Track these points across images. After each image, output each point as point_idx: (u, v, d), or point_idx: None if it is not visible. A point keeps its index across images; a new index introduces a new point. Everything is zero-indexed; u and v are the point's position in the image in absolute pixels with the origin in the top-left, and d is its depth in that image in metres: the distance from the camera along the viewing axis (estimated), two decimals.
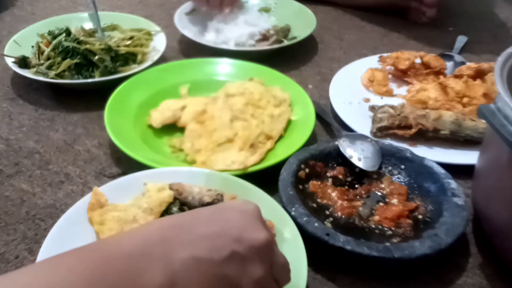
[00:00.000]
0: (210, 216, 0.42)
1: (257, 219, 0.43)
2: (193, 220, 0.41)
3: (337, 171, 0.73)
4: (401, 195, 0.69)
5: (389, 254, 0.57)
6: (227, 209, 0.43)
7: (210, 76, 0.94)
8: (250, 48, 1.06)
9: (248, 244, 0.40)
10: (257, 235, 0.41)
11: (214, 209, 0.44)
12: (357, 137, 0.77)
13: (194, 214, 0.43)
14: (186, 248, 0.38)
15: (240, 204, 0.44)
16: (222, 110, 0.81)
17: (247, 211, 0.43)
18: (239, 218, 0.42)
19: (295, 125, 0.82)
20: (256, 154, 0.74)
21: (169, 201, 0.63)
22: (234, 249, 0.39)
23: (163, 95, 0.88)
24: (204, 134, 0.78)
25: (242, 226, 0.41)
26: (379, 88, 0.95)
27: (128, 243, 0.38)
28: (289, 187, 0.65)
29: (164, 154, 0.78)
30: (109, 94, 0.84)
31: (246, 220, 0.42)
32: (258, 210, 0.44)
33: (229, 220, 0.42)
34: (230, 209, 0.43)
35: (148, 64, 0.95)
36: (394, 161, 0.74)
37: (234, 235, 0.40)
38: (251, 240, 0.40)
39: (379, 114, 0.83)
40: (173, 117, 0.82)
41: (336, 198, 0.69)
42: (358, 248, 0.57)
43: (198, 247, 0.38)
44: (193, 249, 0.38)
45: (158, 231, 0.39)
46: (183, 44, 1.10)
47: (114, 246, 0.38)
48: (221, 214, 0.42)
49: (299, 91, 0.89)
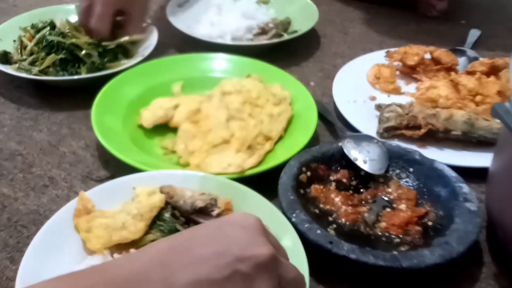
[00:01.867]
0: (210, 234, 0.42)
1: (259, 233, 0.43)
2: (192, 240, 0.42)
3: (341, 175, 0.73)
4: (410, 200, 0.69)
5: (397, 264, 0.57)
6: (227, 225, 0.43)
7: (205, 73, 0.94)
8: (248, 42, 1.06)
9: (251, 262, 0.40)
10: (260, 251, 0.41)
11: (214, 226, 0.44)
12: (362, 138, 0.77)
13: (192, 233, 0.43)
14: (186, 271, 0.39)
15: (240, 219, 0.44)
16: (217, 109, 0.81)
17: (249, 226, 0.43)
18: (241, 234, 0.42)
19: (296, 125, 0.82)
20: (254, 156, 0.74)
21: (161, 206, 0.62)
22: (236, 268, 0.40)
23: (155, 93, 0.88)
24: (198, 135, 0.78)
25: (244, 242, 0.41)
26: (386, 86, 0.95)
27: (126, 267, 0.39)
28: (289, 192, 0.65)
29: (155, 156, 0.78)
30: (97, 92, 0.84)
31: (248, 236, 0.42)
32: (260, 223, 0.44)
33: (230, 237, 0.42)
34: (230, 225, 0.43)
35: (138, 60, 0.94)
36: (402, 163, 0.73)
37: (236, 253, 0.40)
38: (254, 256, 0.41)
39: (386, 113, 0.83)
40: (165, 116, 0.82)
41: (339, 204, 0.69)
42: (364, 257, 0.57)
43: (199, 269, 0.39)
44: (193, 272, 0.39)
45: (157, 255, 0.40)
46: (176, 38, 1.10)
47: (112, 271, 0.39)
48: (221, 231, 0.43)
49: (300, 88, 0.89)
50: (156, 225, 0.61)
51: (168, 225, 0.61)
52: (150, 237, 0.60)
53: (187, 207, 0.62)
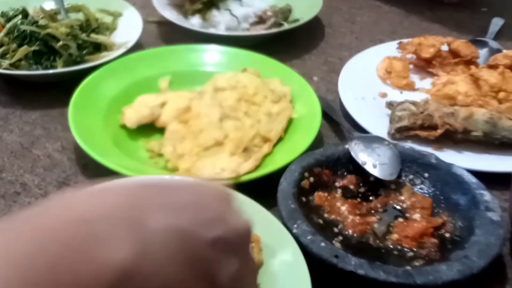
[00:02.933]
0: (186, 185, 0.38)
1: (236, 206, 0.40)
2: (167, 184, 0.38)
3: (347, 181, 0.73)
4: (425, 209, 0.69)
5: (410, 280, 0.57)
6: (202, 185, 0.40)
7: (196, 67, 0.94)
8: (244, 32, 1.06)
9: (233, 229, 0.37)
10: (242, 222, 0.38)
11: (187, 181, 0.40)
12: (371, 140, 0.77)
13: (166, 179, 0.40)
14: (163, 214, 0.34)
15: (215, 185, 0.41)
16: (209, 107, 0.80)
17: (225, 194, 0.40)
18: (218, 199, 0.38)
19: (298, 125, 0.82)
20: (250, 160, 0.74)
21: None
22: (220, 229, 0.36)
23: (139, 89, 0.87)
24: (188, 136, 0.78)
25: (223, 208, 0.38)
26: (398, 81, 0.96)
27: (82, 207, 0.33)
28: (290, 200, 0.65)
29: (140, 159, 0.78)
30: (74, 87, 0.84)
31: (225, 203, 0.38)
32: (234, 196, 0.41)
33: (208, 196, 0.38)
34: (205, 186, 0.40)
35: (121, 52, 0.94)
36: (416, 168, 0.73)
37: (218, 213, 0.37)
38: (236, 225, 0.37)
39: (398, 112, 0.83)
40: (151, 115, 0.82)
41: (346, 213, 0.69)
42: (373, 273, 0.57)
43: (179, 215, 0.34)
44: (173, 217, 0.34)
45: (123, 191, 0.35)
46: (163, 28, 1.10)
47: (64, 212, 0.33)
48: (197, 187, 0.39)
49: (302, 84, 0.89)
50: None
51: None
52: None
53: None
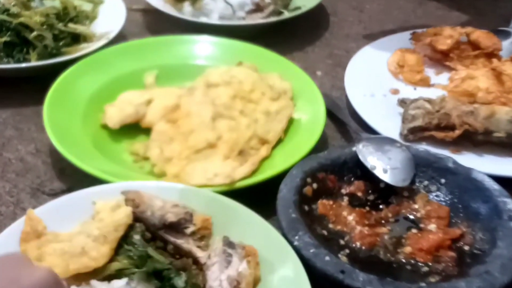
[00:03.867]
0: None
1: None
2: None
3: (355, 187, 0.73)
4: (441, 219, 0.69)
5: None
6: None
7: (185, 60, 0.94)
8: (239, 22, 1.06)
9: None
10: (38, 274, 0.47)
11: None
12: (382, 142, 0.77)
13: None
14: None
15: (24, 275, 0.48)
16: (201, 105, 0.80)
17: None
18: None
19: (299, 125, 0.82)
20: (246, 164, 0.74)
21: (128, 223, 0.62)
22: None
23: (122, 85, 0.87)
24: (177, 137, 0.78)
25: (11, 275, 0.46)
26: (411, 76, 0.95)
27: None
28: (290, 208, 0.65)
29: (123, 164, 0.78)
30: (50, 83, 0.84)
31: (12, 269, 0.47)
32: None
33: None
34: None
35: (102, 44, 0.94)
36: (432, 173, 0.73)
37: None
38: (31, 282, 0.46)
39: (411, 110, 0.83)
40: (135, 114, 0.82)
41: (353, 223, 0.68)
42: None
43: None
44: None
45: None
46: (149, 16, 1.10)
47: None
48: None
49: (305, 79, 0.88)
50: (123, 250, 0.61)
51: (138, 250, 0.61)
52: (116, 265, 0.60)
53: (155, 220, 0.62)
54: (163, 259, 0.60)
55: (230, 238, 0.61)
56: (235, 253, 0.59)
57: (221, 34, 0.97)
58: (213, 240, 0.63)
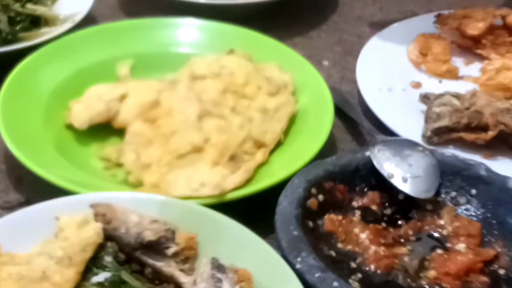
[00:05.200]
0: None
1: None
2: None
3: (368, 199, 0.73)
4: (472, 237, 0.69)
5: None
6: None
7: (166, 47, 0.95)
8: (231, 0, 1.06)
9: None
10: None
11: None
12: (401, 145, 0.76)
13: None
14: None
15: None
16: (184, 102, 0.80)
17: None
18: None
19: (302, 125, 0.83)
20: (239, 172, 0.74)
21: (97, 242, 0.61)
22: None
23: (91, 77, 0.87)
24: (157, 140, 0.78)
25: None
26: (436, 66, 0.96)
27: None
28: (292, 225, 0.65)
29: (92, 171, 0.78)
30: (5, 75, 0.84)
31: None
32: None
33: None
34: None
35: (67, 28, 0.95)
36: (461, 182, 0.73)
37: None
38: None
39: (436, 107, 0.83)
40: (107, 112, 0.82)
41: (367, 242, 0.68)
42: None
43: None
44: None
45: None
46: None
47: None
48: None
49: (309, 70, 0.89)
50: (92, 274, 0.60)
51: (110, 273, 0.60)
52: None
53: (130, 239, 0.62)
54: (139, 285, 0.60)
55: (219, 260, 0.60)
56: (225, 278, 0.59)
57: (209, 16, 0.97)
58: (199, 262, 0.62)
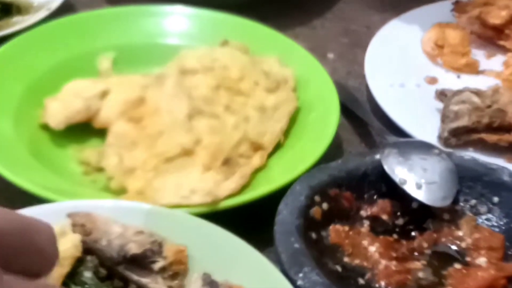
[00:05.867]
0: None
1: None
2: None
3: (378, 208, 0.73)
4: (494, 250, 0.69)
5: None
6: None
7: (152, 38, 0.95)
8: None
9: None
10: None
11: None
12: (414, 147, 0.76)
13: None
14: None
15: None
16: (173, 99, 0.80)
17: None
18: None
19: (304, 126, 0.83)
20: (233, 178, 0.74)
21: (75, 255, 0.61)
22: None
23: (68, 72, 0.87)
24: (142, 142, 0.78)
25: None
26: (454, 59, 0.96)
27: None
28: (293, 236, 0.64)
29: (69, 176, 0.77)
30: None
31: None
32: None
33: None
34: None
35: (41, 17, 0.95)
36: (481, 189, 0.73)
37: None
38: None
39: (454, 105, 0.83)
40: (86, 110, 0.82)
41: (377, 256, 0.68)
42: None
43: None
44: None
45: None
46: None
47: None
48: None
49: (311, 64, 0.89)
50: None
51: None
52: None
53: (113, 252, 0.61)
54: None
55: (212, 276, 0.60)
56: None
57: (200, 4, 0.97)
58: (189, 278, 0.62)
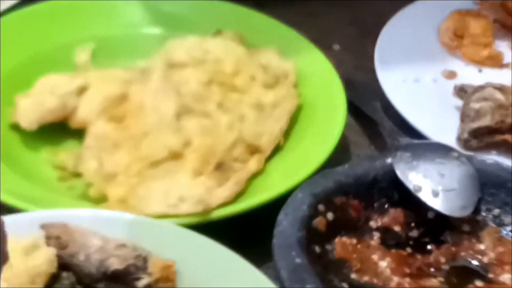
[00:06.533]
0: None
1: None
2: None
3: (390, 218, 0.72)
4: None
5: None
6: None
7: (136, 28, 0.95)
8: None
9: None
10: None
11: None
12: (430, 150, 0.75)
13: None
14: None
15: None
16: (159, 96, 0.80)
17: None
18: None
19: (306, 125, 0.82)
20: (227, 184, 0.73)
21: (50, 272, 0.60)
22: None
23: (42, 66, 0.87)
24: (124, 144, 0.77)
25: None
26: (475, 51, 0.96)
27: None
28: (294, 250, 0.63)
29: (43, 182, 0.77)
30: None
31: None
32: None
33: None
34: None
35: (10, 4, 0.95)
36: (505, 197, 0.72)
37: None
38: None
39: (475, 103, 0.82)
40: (62, 108, 0.81)
41: (388, 272, 0.67)
42: None
43: None
44: None
45: None
46: None
47: None
48: None
49: (315, 57, 0.89)
50: None
51: None
52: None
53: (91, 268, 0.60)
54: None
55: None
56: None
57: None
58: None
